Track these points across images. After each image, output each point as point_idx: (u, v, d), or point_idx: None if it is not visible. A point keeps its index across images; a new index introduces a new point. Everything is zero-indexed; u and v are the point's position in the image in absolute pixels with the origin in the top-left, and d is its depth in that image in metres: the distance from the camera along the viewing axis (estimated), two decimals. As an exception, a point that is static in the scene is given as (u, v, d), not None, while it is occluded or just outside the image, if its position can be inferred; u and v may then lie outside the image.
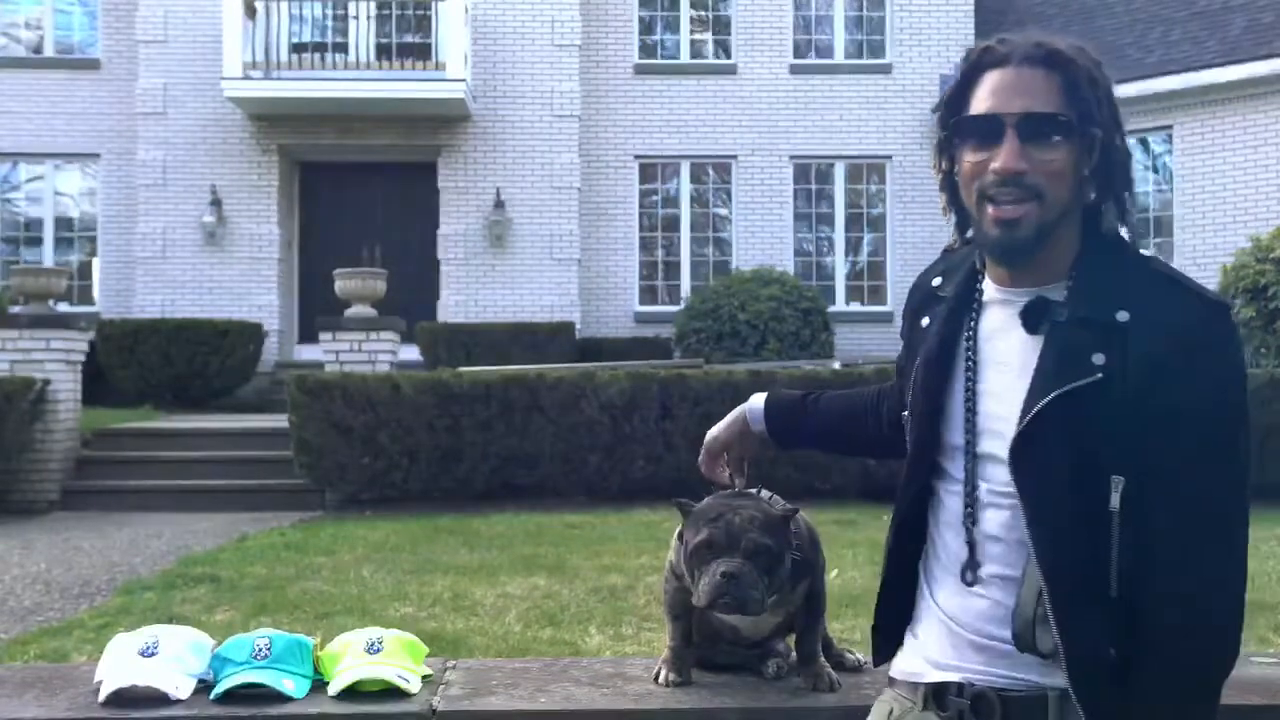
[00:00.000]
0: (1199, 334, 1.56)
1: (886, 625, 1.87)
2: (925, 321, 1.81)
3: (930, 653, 1.74)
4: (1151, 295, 1.59)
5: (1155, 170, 15.90)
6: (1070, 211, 1.64)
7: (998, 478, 1.66)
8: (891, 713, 1.81)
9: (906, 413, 1.84)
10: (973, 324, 1.73)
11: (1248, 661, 2.80)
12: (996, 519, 1.66)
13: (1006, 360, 1.67)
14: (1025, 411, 1.59)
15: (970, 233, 1.75)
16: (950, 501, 1.74)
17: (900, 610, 1.84)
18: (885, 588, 1.87)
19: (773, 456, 5.52)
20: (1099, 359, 1.56)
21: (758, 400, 2.23)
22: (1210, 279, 13.79)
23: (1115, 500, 1.55)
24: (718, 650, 2.47)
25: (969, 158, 1.66)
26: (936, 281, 1.83)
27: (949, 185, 1.73)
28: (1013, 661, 1.64)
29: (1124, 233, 1.69)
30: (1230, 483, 1.59)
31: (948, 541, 1.74)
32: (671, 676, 2.42)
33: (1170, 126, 15.39)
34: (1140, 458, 1.55)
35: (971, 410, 1.69)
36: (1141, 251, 1.68)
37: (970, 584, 1.69)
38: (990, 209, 1.63)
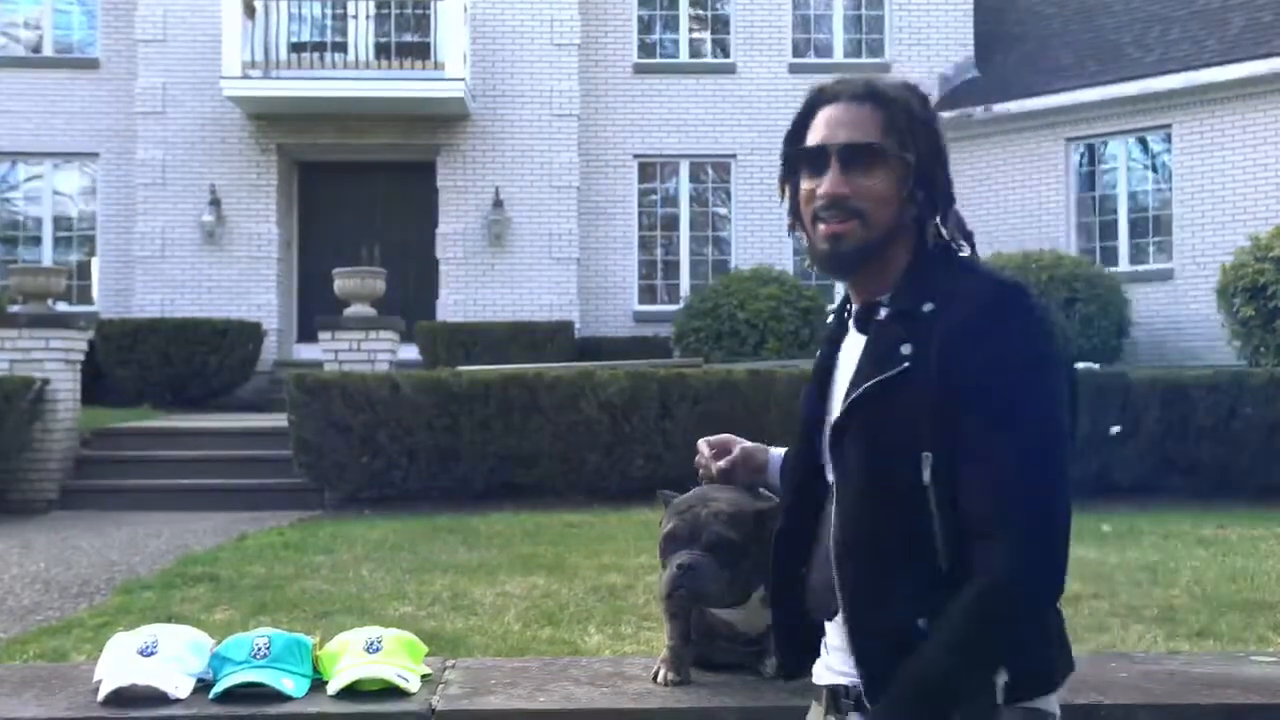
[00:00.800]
0: (989, 311, 1.67)
1: (784, 638, 1.97)
2: (818, 354, 1.95)
3: (830, 660, 1.84)
4: (954, 285, 1.72)
5: (1154, 169, 15.90)
6: (895, 230, 1.78)
7: None
8: None
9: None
10: (840, 345, 1.88)
11: (1248, 661, 2.81)
12: None
13: (848, 365, 1.81)
14: (842, 405, 1.75)
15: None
16: (830, 510, 1.81)
17: (794, 623, 1.92)
18: (779, 601, 1.96)
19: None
20: (906, 349, 1.69)
21: (778, 450, 2.26)
22: (1210, 278, 13.79)
23: (926, 475, 1.64)
24: (716, 648, 2.47)
25: (804, 185, 1.82)
26: (830, 319, 1.97)
27: (794, 210, 1.87)
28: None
29: (961, 248, 1.81)
30: (1026, 448, 1.62)
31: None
32: (670, 676, 2.42)
33: (1169, 126, 15.38)
34: (947, 433, 1.64)
35: (829, 421, 1.82)
36: (962, 255, 1.80)
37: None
38: (820, 227, 1.78)
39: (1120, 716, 2.39)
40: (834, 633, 1.81)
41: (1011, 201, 16.09)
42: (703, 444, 2.31)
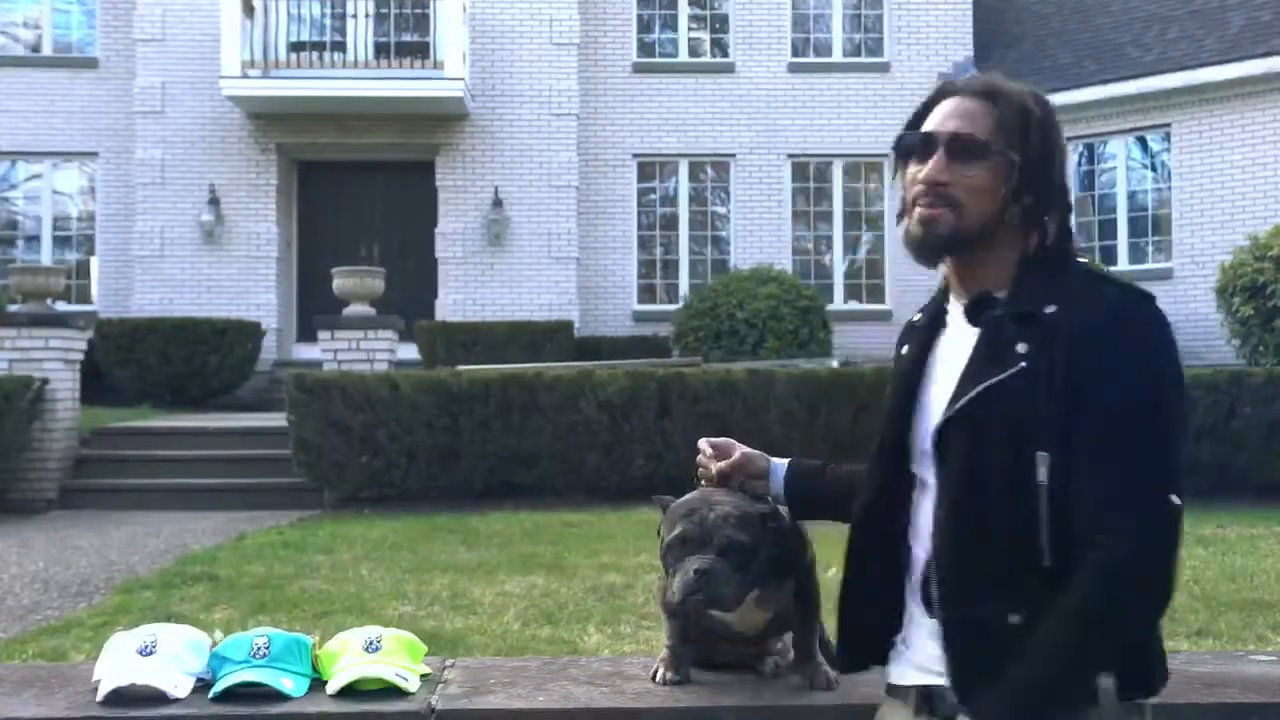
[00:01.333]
0: (1119, 319, 1.70)
1: (853, 635, 1.96)
2: (905, 349, 1.97)
3: (918, 658, 1.82)
4: (1078, 290, 1.75)
5: (1153, 169, 15.91)
6: (994, 225, 1.80)
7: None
8: None
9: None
10: (939, 338, 1.90)
11: (1247, 660, 2.81)
12: None
13: (955, 364, 1.82)
14: (951, 404, 1.76)
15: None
16: (922, 504, 1.84)
17: (867, 620, 1.92)
18: (852, 599, 1.95)
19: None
20: (1022, 348, 1.71)
21: (780, 461, 2.26)
22: (1208, 277, 13.80)
23: (1043, 474, 1.67)
24: (715, 648, 2.47)
25: (909, 170, 1.86)
26: (916, 317, 2.00)
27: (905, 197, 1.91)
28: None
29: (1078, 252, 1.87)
30: (1151, 455, 1.67)
31: (925, 545, 1.82)
32: (669, 675, 2.42)
33: (1168, 125, 15.39)
34: (1065, 435, 1.66)
35: (928, 413, 1.84)
36: (1080, 260, 1.84)
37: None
38: (916, 211, 1.82)
39: (1119, 716, 2.39)
40: (929, 630, 1.80)
41: (1011, 201, 16.07)
42: (704, 444, 2.30)
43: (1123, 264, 15.57)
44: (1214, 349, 13.50)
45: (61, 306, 13.37)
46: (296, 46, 16.10)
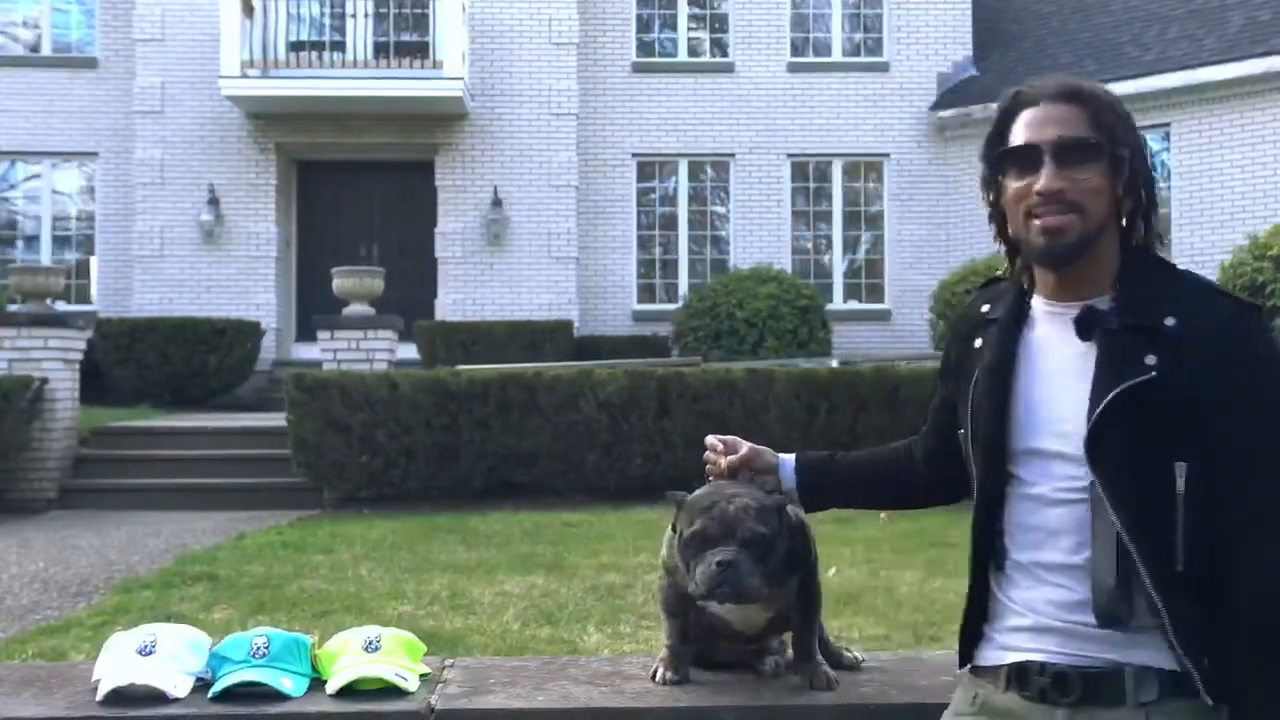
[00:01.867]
0: (1240, 331, 1.76)
1: (972, 627, 1.97)
2: (978, 342, 1.96)
3: (1009, 640, 1.87)
4: (1193, 301, 1.79)
5: (1152, 168, 15.89)
6: (1108, 227, 1.83)
7: (1063, 473, 1.81)
8: (976, 697, 1.92)
9: (963, 430, 1.97)
10: (1026, 336, 1.90)
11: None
12: (1064, 513, 1.81)
13: (1061, 367, 1.84)
14: (1092, 409, 1.76)
15: (1018, 259, 1.94)
16: (1018, 503, 1.87)
17: (981, 612, 1.95)
18: (972, 592, 1.97)
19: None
20: (1151, 360, 1.74)
21: (788, 456, 2.27)
22: (1208, 277, 13.79)
23: (1180, 484, 1.72)
24: (715, 648, 2.47)
25: (1013, 185, 1.85)
26: (985, 308, 1.99)
27: (997, 216, 1.93)
28: (1087, 643, 1.78)
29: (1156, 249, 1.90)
30: None
31: (1018, 540, 1.87)
32: (669, 675, 2.42)
33: (1168, 125, 15.39)
34: (1201, 445, 1.73)
35: (1032, 413, 1.85)
36: (1180, 268, 1.88)
37: (1042, 576, 1.84)
38: (1036, 222, 1.82)
39: (1119, 715, 2.39)
40: (1020, 617, 1.86)
41: (1010, 200, 16.08)
42: (713, 440, 2.30)
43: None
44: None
45: (61, 306, 13.37)
46: (296, 46, 16.09)
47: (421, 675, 2.47)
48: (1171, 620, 1.72)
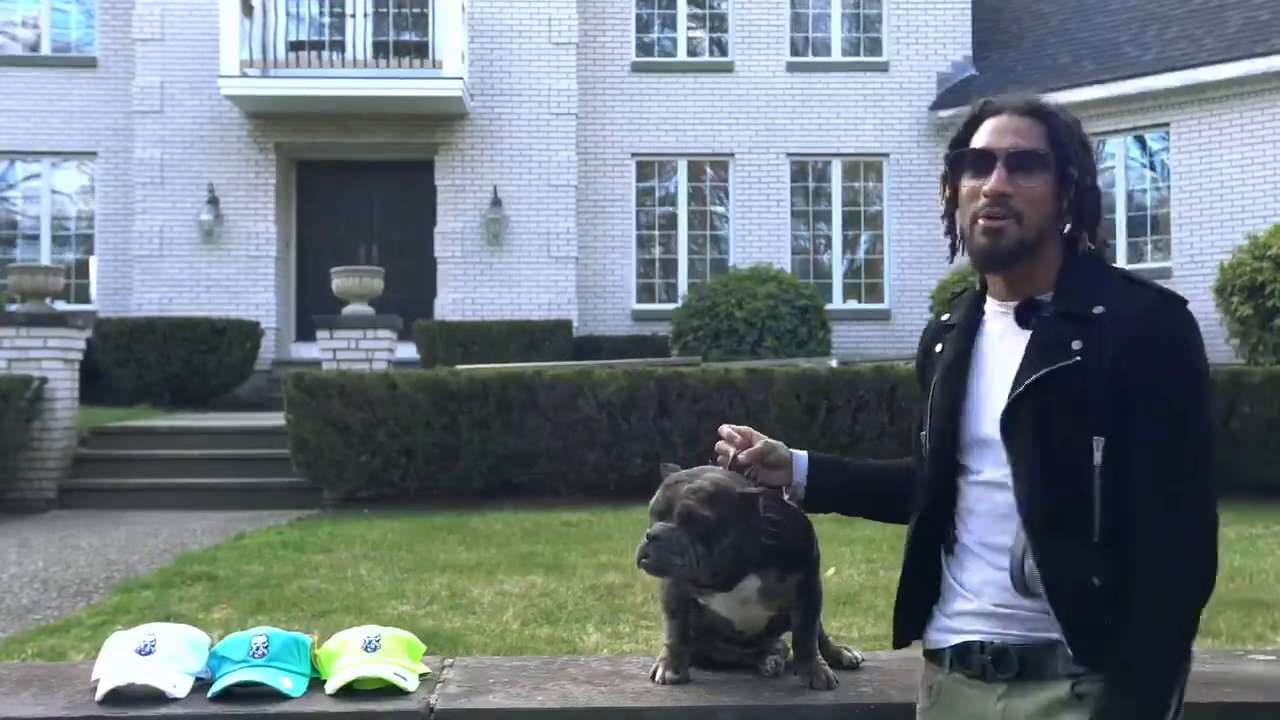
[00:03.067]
0: (1159, 319, 1.88)
1: (906, 610, 2.09)
2: (939, 347, 2.10)
3: (955, 623, 1.99)
4: (1120, 292, 1.92)
5: (1152, 168, 15.91)
6: (1048, 235, 1.96)
7: (1001, 458, 1.93)
8: (931, 688, 2.04)
9: (924, 432, 2.08)
10: (979, 336, 2.04)
11: (1246, 659, 2.81)
12: (1007, 497, 1.92)
13: (1007, 361, 1.95)
14: (1014, 389, 1.90)
15: (961, 251, 2.08)
16: (968, 490, 1.99)
17: (918, 596, 2.07)
18: (906, 575, 2.08)
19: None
20: (1077, 345, 1.87)
21: (800, 453, 2.29)
22: (1207, 276, 13.80)
23: (1098, 457, 1.84)
24: (715, 647, 2.47)
25: (967, 184, 2.00)
26: (945, 316, 2.14)
27: (949, 212, 2.08)
28: (1025, 621, 1.90)
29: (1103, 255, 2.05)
30: (1198, 438, 1.86)
31: (970, 527, 1.98)
32: (669, 675, 2.42)
33: (1167, 124, 15.39)
34: (1118, 423, 1.84)
35: (978, 404, 1.98)
36: (1113, 264, 2.04)
37: (987, 558, 1.94)
38: (980, 222, 1.96)
39: (1118, 715, 2.39)
40: (966, 600, 1.97)
41: (1010, 200, 16.08)
42: (729, 429, 2.30)
43: (1121, 263, 15.51)
44: (1213, 348, 13.32)
45: (60, 306, 13.37)
46: (295, 46, 16.08)
47: (421, 675, 2.47)
48: (1048, 589, 1.84)
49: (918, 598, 2.06)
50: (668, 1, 17.86)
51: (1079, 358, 1.86)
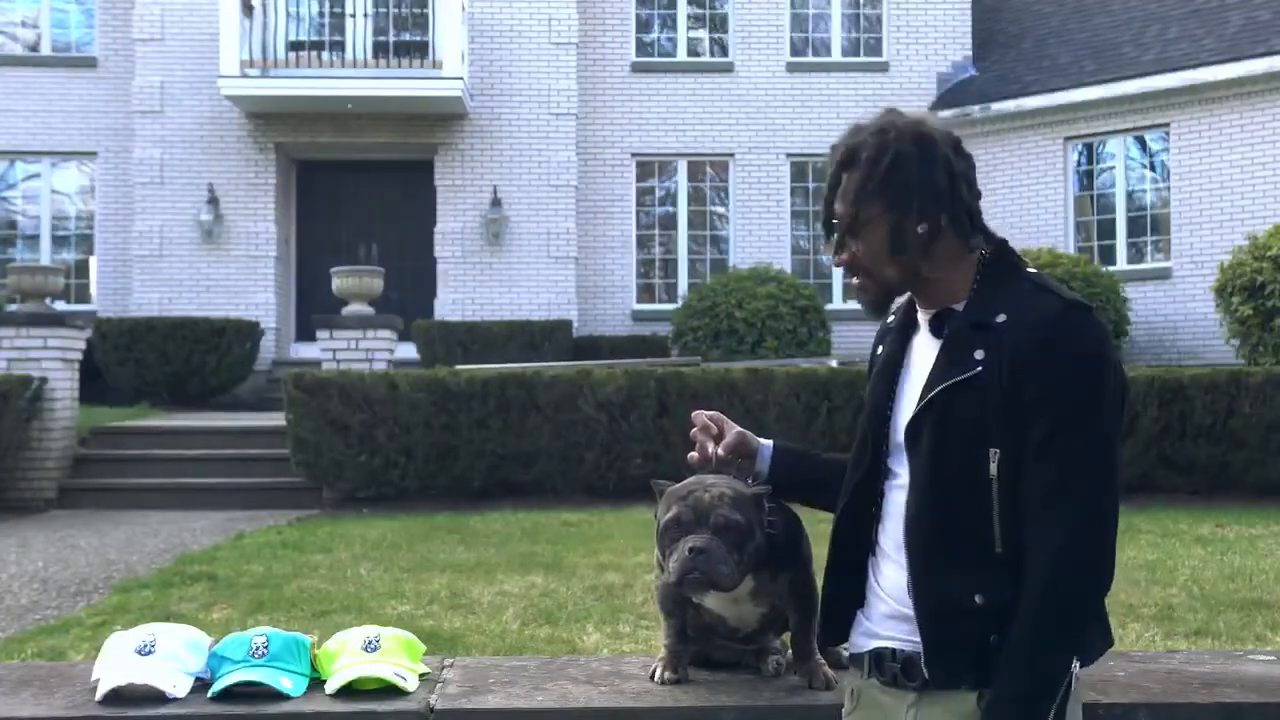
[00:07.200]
0: (1058, 327, 1.83)
1: (831, 610, 2.08)
2: (880, 349, 2.09)
3: (874, 627, 1.98)
4: (1023, 299, 1.87)
5: (1152, 168, 15.90)
6: (916, 267, 1.91)
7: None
8: (853, 692, 2.03)
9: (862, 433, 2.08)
10: (911, 341, 2.03)
11: (1246, 659, 2.81)
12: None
13: (924, 367, 1.95)
14: (919, 401, 1.90)
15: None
16: (892, 494, 1.98)
17: (843, 595, 2.05)
18: (831, 574, 2.07)
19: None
20: (979, 354, 1.85)
21: (766, 441, 2.32)
22: (1207, 277, 13.80)
23: (993, 469, 1.82)
24: (713, 646, 2.47)
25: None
26: (890, 319, 2.10)
27: None
28: None
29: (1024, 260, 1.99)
30: (1092, 448, 1.80)
31: (887, 529, 1.97)
32: (668, 675, 2.42)
33: (1167, 125, 15.38)
34: (1014, 433, 1.81)
35: (900, 410, 1.97)
36: (1028, 270, 1.94)
37: (900, 562, 1.92)
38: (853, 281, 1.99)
39: (1118, 715, 2.39)
40: (883, 604, 1.96)
41: (1009, 200, 16.09)
42: (701, 415, 2.31)
43: (1121, 264, 15.56)
44: (1212, 348, 13.49)
45: (60, 306, 13.38)
46: (295, 46, 16.08)
47: (421, 675, 2.47)
48: (916, 606, 1.85)
49: (840, 600, 2.05)
50: (668, 2, 17.85)
51: (980, 368, 1.84)
